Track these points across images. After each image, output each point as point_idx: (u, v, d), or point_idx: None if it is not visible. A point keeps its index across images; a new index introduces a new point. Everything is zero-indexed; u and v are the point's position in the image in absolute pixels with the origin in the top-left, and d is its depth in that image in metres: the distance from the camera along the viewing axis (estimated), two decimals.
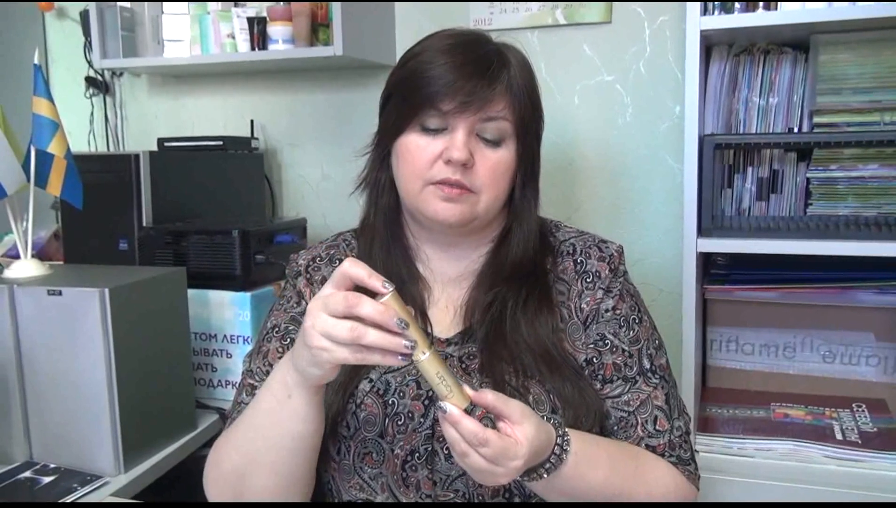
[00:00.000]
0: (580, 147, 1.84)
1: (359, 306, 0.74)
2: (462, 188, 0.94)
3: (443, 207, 0.95)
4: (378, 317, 0.74)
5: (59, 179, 1.42)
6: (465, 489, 0.93)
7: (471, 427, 0.76)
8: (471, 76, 0.92)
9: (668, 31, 1.73)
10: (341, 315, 0.75)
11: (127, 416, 1.28)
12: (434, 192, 0.95)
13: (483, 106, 0.93)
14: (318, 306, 0.77)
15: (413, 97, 0.94)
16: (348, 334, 0.74)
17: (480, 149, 0.95)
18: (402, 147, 0.96)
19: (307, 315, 0.78)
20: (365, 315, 0.74)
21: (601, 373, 0.99)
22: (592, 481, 0.88)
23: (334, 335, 0.75)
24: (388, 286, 0.76)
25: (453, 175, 0.93)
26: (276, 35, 1.84)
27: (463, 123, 0.93)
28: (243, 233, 1.62)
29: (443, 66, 0.93)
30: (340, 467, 0.96)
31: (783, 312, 1.62)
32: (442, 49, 0.95)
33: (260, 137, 2.10)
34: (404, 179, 0.97)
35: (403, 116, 0.96)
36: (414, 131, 0.95)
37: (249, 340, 1.60)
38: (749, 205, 1.61)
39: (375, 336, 0.75)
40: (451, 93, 0.91)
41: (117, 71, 2.21)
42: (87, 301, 1.25)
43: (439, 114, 0.93)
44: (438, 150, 0.94)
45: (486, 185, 0.96)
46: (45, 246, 1.98)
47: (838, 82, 1.52)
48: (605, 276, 1.02)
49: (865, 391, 1.60)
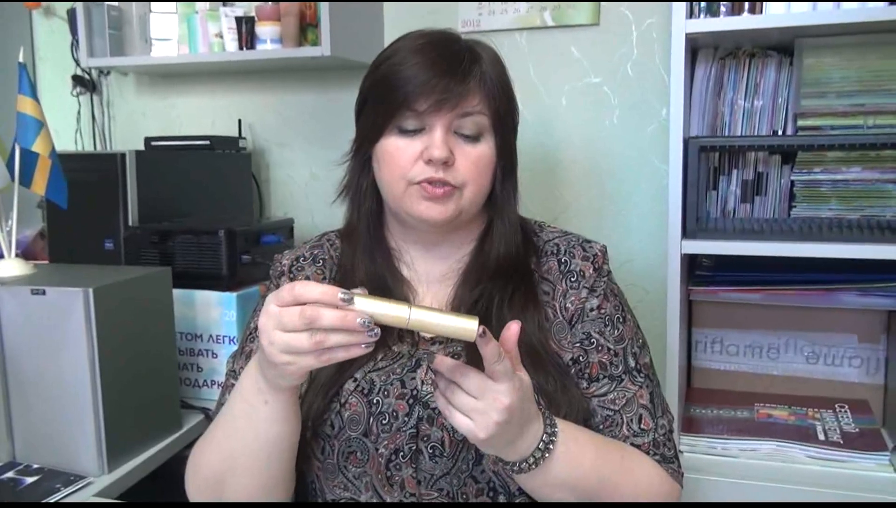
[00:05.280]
0: (567, 148, 1.84)
1: (318, 320, 0.73)
2: (445, 186, 0.94)
3: (427, 206, 0.95)
4: (341, 324, 0.73)
5: (43, 179, 1.41)
6: (449, 488, 0.93)
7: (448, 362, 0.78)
8: (444, 74, 0.92)
9: (655, 34, 1.74)
10: (301, 330, 0.74)
11: (111, 416, 1.28)
12: (418, 192, 0.95)
13: (458, 102, 0.93)
14: (272, 324, 0.75)
15: (388, 100, 0.94)
16: (310, 344, 0.74)
17: (460, 145, 0.95)
18: (381, 151, 0.96)
19: (261, 333, 0.77)
20: (327, 326, 0.73)
21: (587, 372, 0.99)
22: (582, 467, 0.88)
23: (296, 348, 0.74)
24: (345, 297, 0.74)
25: (436, 174, 0.93)
26: (264, 35, 1.84)
27: (440, 121, 0.93)
28: (229, 233, 1.62)
29: (415, 66, 0.92)
30: (324, 466, 0.96)
31: (767, 313, 1.64)
32: (413, 49, 0.94)
33: (248, 136, 2.10)
34: (387, 183, 0.97)
35: (380, 120, 0.95)
36: (392, 134, 0.95)
37: (235, 340, 1.60)
38: (734, 207, 1.62)
39: (337, 339, 0.74)
40: (425, 92, 0.91)
41: (104, 70, 2.20)
42: (72, 301, 1.24)
43: (415, 114, 0.93)
44: (418, 150, 0.94)
45: (469, 179, 0.96)
46: (31, 245, 1.96)
47: (822, 86, 1.53)
48: (589, 275, 1.02)
49: (848, 392, 1.61)
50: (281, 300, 0.75)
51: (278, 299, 0.76)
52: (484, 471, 0.93)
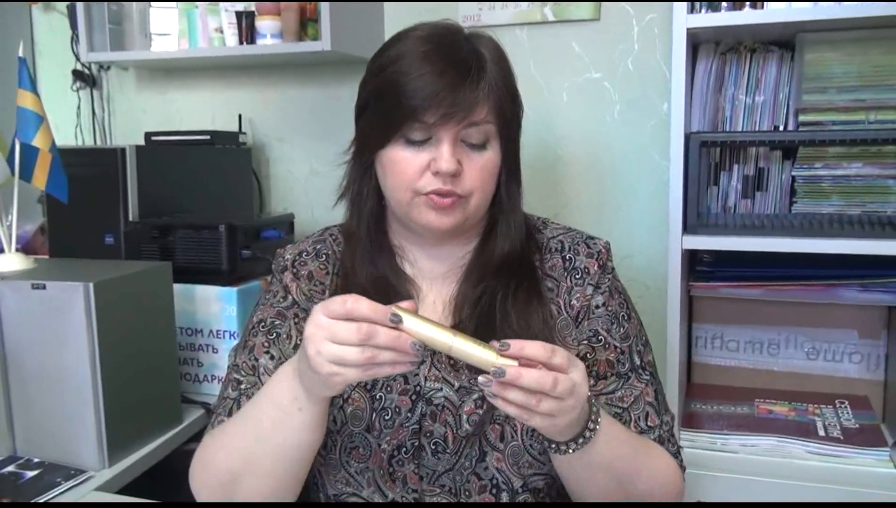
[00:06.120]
0: (568, 144, 1.84)
1: (374, 337, 0.73)
2: (453, 196, 0.93)
3: (435, 217, 0.94)
4: (394, 344, 0.74)
5: (44, 173, 1.41)
6: (451, 484, 0.93)
7: (534, 374, 0.75)
8: (453, 86, 0.89)
9: (656, 29, 1.74)
10: (354, 345, 0.74)
11: (111, 410, 1.28)
12: (425, 203, 0.94)
13: (467, 115, 0.91)
14: (322, 335, 0.75)
15: (395, 110, 0.91)
16: (362, 359, 0.74)
17: (467, 154, 0.94)
18: (386, 159, 0.95)
19: (308, 342, 0.76)
20: (381, 345, 0.74)
21: (595, 369, 0.99)
22: (620, 446, 0.89)
23: (346, 361, 0.74)
24: (394, 319, 0.74)
25: (444, 186, 0.92)
26: (264, 30, 1.83)
27: (447, 133, 0.91)
28: (230, 228, 1.62)
29: (423, 76, 0.90)
30: (327, 461, 0.96)
31: (768, 309, 1.64)
32: (419, 56, 0.91)
33: (248, 131, 2.10)
34: (393, 190, 0.96)
35: (386, 128, 0.93)
36: (398, 144, 0.93)
37: (235, 335, 1.60)
38: (734, 202, 1.62)
39: (388, 356, 0.74)
40: (434, 105, 0.89)
41: (104, 64, 2.19)
42: (72, 295, 1.24)
43: (423, 126, 0.91)
44: (425, 161, 0.92)
45: (476, 187, 0.95)
46: (31, 240, 1.96)
47: (824, 81, 1.53)
48: (593, 272, 1.02)
49: (848, 388, 1.61)
50: (331, 313, 0.75)
51: (328, 311, 0.75)
52: (487, 468, 0.93)
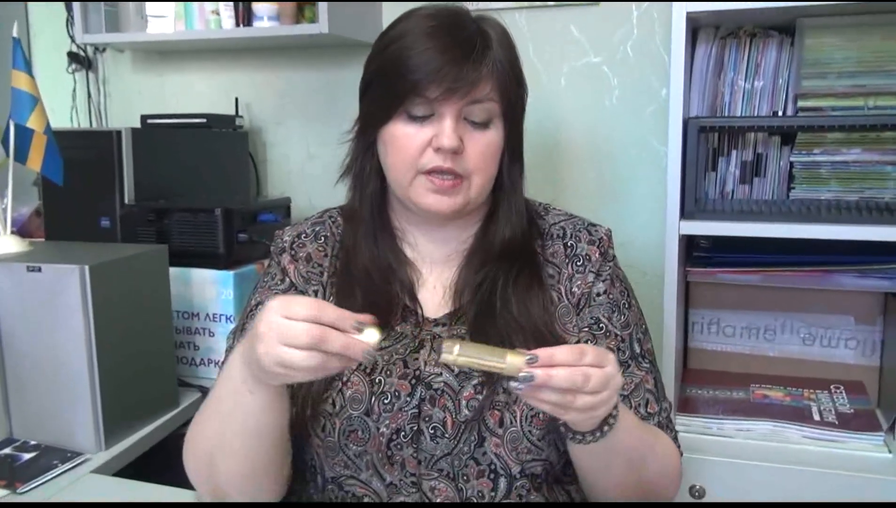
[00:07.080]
0: (566, 129, 1.83)
1: (325, 342, 0.72)
2: (454, 176, 0.93)
3: (435, 199, 0.94)
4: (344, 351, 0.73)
5: (39, 155, 1.40)
6: (449, 468, 0.93)
7: (564, 374, 0.72)
8: (455, 61, 0.90)
9: (655, 13, 1.73)
10: (303, 349, 0.73)
11: (108, 393, 1.28)
12: (425, 184, 0.94)
13: (470, 91, 0.91)
14: (273, 335, 0.73)
15: (398, 85, 0.92)
16: (311, 364, 0.73)
17: (469, 132, 0.94)
18: (388, 135, 0.95)
19: (258, 340, 0.75)
20: (332, 351, 0.73)
21: None
22: (635, 431, 0.89)
23: (294, 365, 0.73)
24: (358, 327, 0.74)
25: (444, 163, 0.92)
26: (261, 12, 1.81)
27: (450, 109, 0.92)
28: (226, 211, 1.61)
29: (427, 51, 0.90)
30: (325, 444, 0.96)
31: (764, 295, 1.64)
32: (424, 32, 0.92)
33: (244, 115, 2.08)
34: (394, 169, 0.96)
35: (388, 104, 0.93)
36: (400, 120, 0.94)
37: (232, 318, 1.60)
38: (732, 188, 1.62)
39: (336, 364, 0.74)
40: (437, 80, 0.90)
41: (100, 46, 2.17)
42: (67, 278, 1.24)
43: (426, 101, 0.91)
44: (427, 137, 0.93)
45: (478, 168, 0.95)
46: (27, 223, 1.95)
47: (823, 66, 1.52)
48: (595, 260, 1.02)
49: (844, 374, 1.62)
50: (290, 313, 0.73)
51: (286, 311, 0.73)
52: (486, 453, 0.93)
